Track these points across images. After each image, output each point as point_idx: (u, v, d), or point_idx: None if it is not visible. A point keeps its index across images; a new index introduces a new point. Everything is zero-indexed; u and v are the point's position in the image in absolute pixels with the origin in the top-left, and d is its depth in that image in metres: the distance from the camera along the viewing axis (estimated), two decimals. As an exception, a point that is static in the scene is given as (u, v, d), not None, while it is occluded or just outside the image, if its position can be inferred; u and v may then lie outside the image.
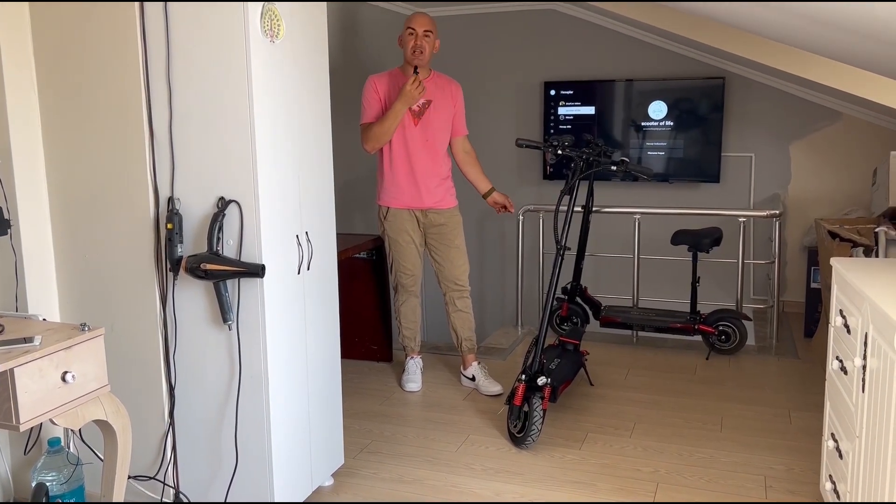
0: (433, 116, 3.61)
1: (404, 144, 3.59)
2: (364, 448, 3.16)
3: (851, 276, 2.17)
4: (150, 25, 2.29)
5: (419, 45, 3.49)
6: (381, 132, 3.52)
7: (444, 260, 3.74)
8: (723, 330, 4.25)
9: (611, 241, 5.17)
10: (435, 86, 3.62)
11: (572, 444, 3.17)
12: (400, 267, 3.73)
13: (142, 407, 2.48)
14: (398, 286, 3.79)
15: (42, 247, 2.50)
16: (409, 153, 3.60)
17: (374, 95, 3.57)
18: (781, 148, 5.28)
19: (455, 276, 3.75)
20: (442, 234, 3.71)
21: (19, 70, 2.38)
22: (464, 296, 3.80)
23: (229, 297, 2.34)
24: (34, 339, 1.95)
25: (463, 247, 3.77)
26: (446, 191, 3.71)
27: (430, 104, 3.60)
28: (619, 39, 5.41)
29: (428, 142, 3.61)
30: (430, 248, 3.76)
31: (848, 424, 2.17)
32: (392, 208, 3.67)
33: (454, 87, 3.70)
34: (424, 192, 3.63)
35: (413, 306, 3.82)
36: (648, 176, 3.52)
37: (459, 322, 3.82)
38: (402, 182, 3.62)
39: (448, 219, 3.71)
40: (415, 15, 3.56)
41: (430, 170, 3.63)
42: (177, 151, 2.34)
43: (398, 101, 3.43)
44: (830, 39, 2.67)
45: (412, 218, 3.68)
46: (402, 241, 3.69)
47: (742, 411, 3.48)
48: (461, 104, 3.73)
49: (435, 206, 3.67)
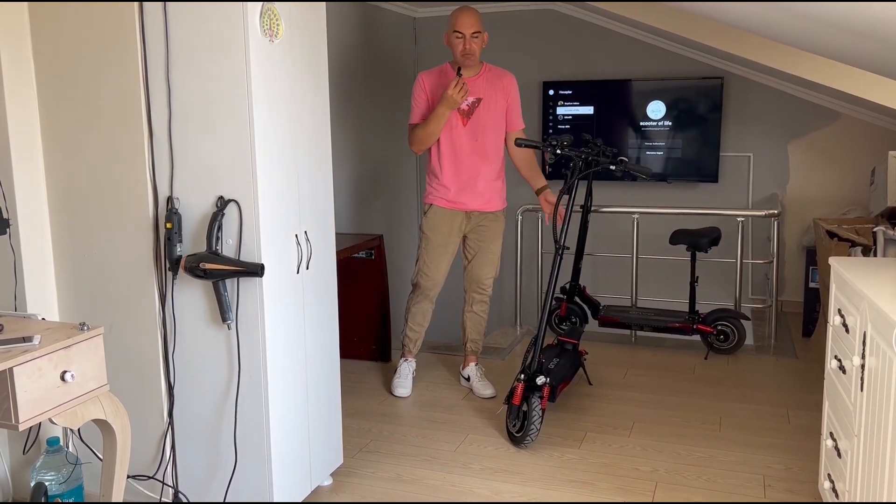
0: (483, 115, 3.50)
1: (451, 145, 3.49)
2: (363, 448, 3.16)
3: (850, 275, 2.17)
4: (150, 25, 2.29)
5: (469, 49, 3.39)
6: (425, 135, 3.43)
7: (475, 259, 3.66)
8: (721, 329, 4.25)
9: (609, 241, 5.17)
10: (486, 81, 3.50)
11: (571, 443, 3.17)
12: (424, 267, 3.62)
13: (141, 406, 2.48)
14: (416, 285, 3.69)
15: (41, 246, 2.50)
16: (457, 154, 3.50)
17: (421, 94, 3.49)
18: (780, 147, 5.29)
19: (480, 276, 3.67)
20: (481, 235, 3.62)
21: (18, 69, 2.38)
22: (483, 300, 3.74)
23: (228, 296, 2.34)
24: (33, 339, 1.95)
25: (498, 252, 3.67)
26: (495, 192, 3.60)
27: (481, 102, 3.48)
28: (618, 39, 5.41)
29: (477, 142, 3.50)
30: (466, 245, 3.67)
31: (846, 423, 2.17)
32: (435, 205, 3.57)
33: (507, 80, 3.56)
34: (470, 194, 3.54)
35: (425, 310, 3.72)
36: (647, 175, 3.53)
37: (472, 323, 3.77)
38: (448, 182, 3.52)
39: (492, 221, 3.62)
40: (460, 15, 3.40)
41: (479, 171, 3.52)
42: (176, 151, 2.34)
43: (441, 105, 3.33)
44: (828, 39, 2.67)
45: (455, 218, 3.57)
46: (436, 241, 3.58)
47: (741, 411, 3.48)
48: (515, 97, 3.59)
49: (481, 208, 3.58)
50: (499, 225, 3.66)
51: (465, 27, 3.38)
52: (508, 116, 3.58)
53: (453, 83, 3.29)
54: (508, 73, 3.60)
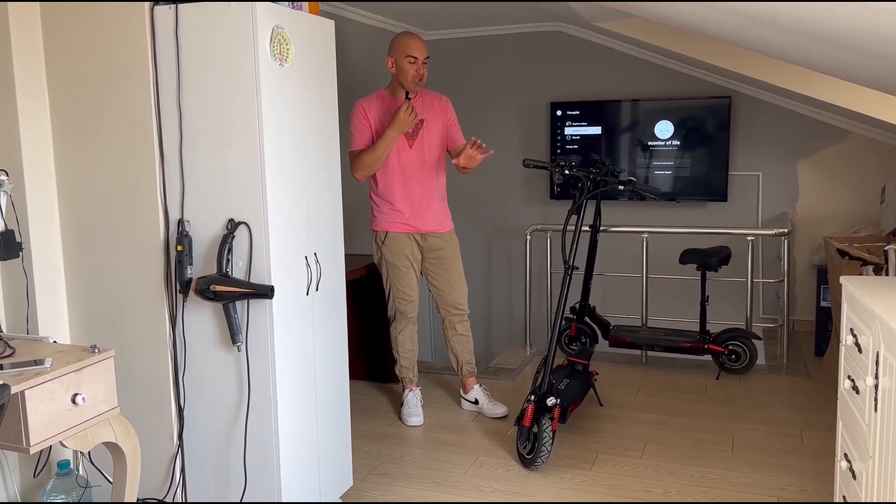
0: (427, 136, 3.53)
1: (400, 168, 3.50)
2: (373, 470, 3.15)
3: (862, 294, 2.16)
4: (161, 49, 2.32)
5: (421, 74, 3.42)
6: (373, 160, 3.41)
7: (443, 284, 3.65)
8: (733, 349, 4.23)
9: (619, 261, 5.16)
10: (423, 103, 3.53)
11: (582, 465, 3.15)
12: (399, 293, 3.61)
13: (151, 428, 2.48)
14: (396, 314, 3.64)
15: (53, 269, 2.51)
16: (406, 176, 3.51)
17: (363, 122, 3.47)
18: (789, 166, 5.28)
19: (455, 299, 3.66)
20: (441, 259, 3.62)
21: (32, 94, 2.41)
22: (464, 319, 3.72)
23: (238, 318, 2.35)
24: (45, 362, 1.95)
25: (461, 269, 3.68)
26: (444, 213, 3.64)
27: (423, 123, 3.52)
28: (625, 60, 5.44)
29: (425, 163, 3.53)
30: (428, 273, 3.66)
31: (861, 444, 2.15)
32: (391, 232, 3.56)
33: (443, 102, 3.61)
34: (424, 215, 3.55)
35: (411, 334, 3.70)
36: (655, 195, 3.53)
37: (460, 346, 3.74)
38: (400, 206, 3.53)
39: (447, 242, 3.63)
40: (412, 41, 3.42)
41: (429, 192, 3.55)
42: (187, 174, 2.36)
43: (391, 129, 3.33)
44: (835, 58, 2.68)
45: (411, 242, 3.58)
46: (402, 265, 3.57)
47: (753, 431, 3.45)
48: (453, 116, 3.62)
49: (434, 229, 3.59)
50: (454, 244, 3.67)
51: (419, 52, 3.40)
52: (450, 135, 3.61)
53: (404, 107, 3.29)
54: (442, 95, 3.65)
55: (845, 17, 1.90)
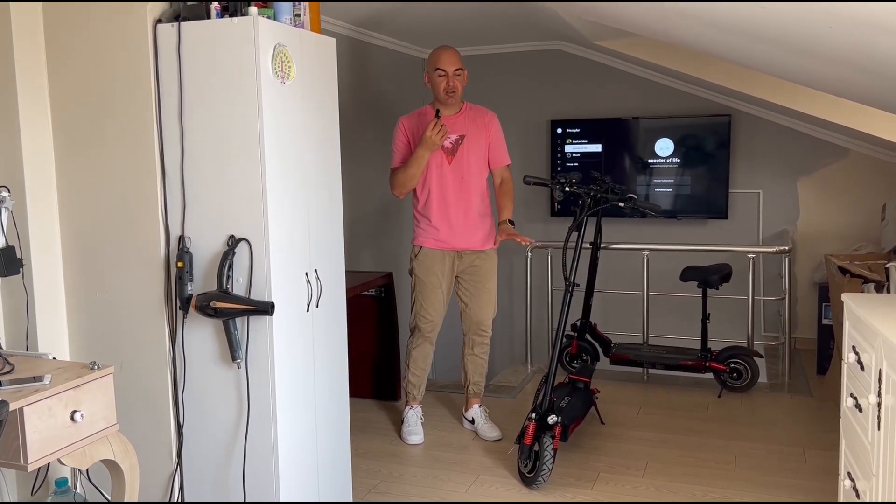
0: (467, 152, 3.48)
1: (439, 184, 3.46)
2: (372, 489, 3.12)
3: (863, 312, 2.15)
4: (164, 66, 2.33)
5: (452, 86, 3.39)
6: (406, 178, 3.40)
7: (472, 301, 3.60)
8: (734, 367, 4.21)
9: (620, 278, 5.15)
10: (467, 119, 3.50)
11: (584, 483, 3.12)
12: (421, 309, 3.56)
13: (150, 446, 2.46)
14: (415, 328, 3.62)
15: (53, 285, 2.51)
16: (444, 192, 3.47)
17: (402, 138, 3.48)
18: (789, 184, 5.29)
19: (480, 319, 3.61)
20: (475, 276, 3.57)
21: (35, 110, 2.42)
22: (484, 341, 3.67)
23: (238, 334, 2.34)
24: (44, 378, 1.95)
25: (494, 291, 3.62)
26: (485, 230, 3.55)
27: (464, 139, 3.47)
28: (625, 78, 5.47)
29: (463, 180, 3.47)
30: (460, 287, 3.61)
31: (864, 463, 2.13)
32: (425, 248, 3.53)
33: (489, 118, 3.55)
34: (460, 232, 3.49)
35: (426, 353, 3.66)
36: (656, 212, 3.53)
37: (473, 366, 3.70)
38: (437, 222, 3.49)
39: (484, 260, 3.56)
40: (441, 53, 3.40)
41: (467, 209, 3.49)
42: (188, 190, 2.37)
43: (420, 147, 3.31)
44: (835, 76, 2.69)
45: (444, 259, 3.52)
46: (430, 283, 3.52)
47: (756, 450, 3.43)
48: (498, 133, 3.56)
49: (471, 247, 3.53)
50: (492, 263, 3.61)
51: (447, 65, 3.38)
52: (492, 153, 3.56)
53: (431, 124, 3.26)
54: (489, 110, 3.60)
55: (845, 36, 1.91)
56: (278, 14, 2.37)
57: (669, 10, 2.37)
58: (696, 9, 2.23)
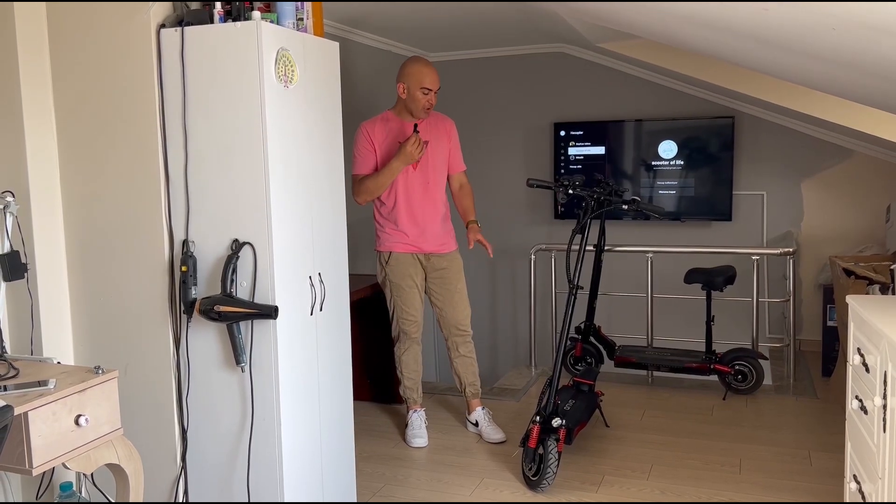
0: (431, 157, 3.54)
1: (405, 188, 3.51)
2: (377, 492, 3.12)
3: (868, 313, 2.15)
4: (167, 71, 2.34)
5: (432, 104, 3.45)
6: (375, 187, 3.44)
7: (445, 304, 3.64)
8: (739, 369, 4.20)
9: (624, 280, 5.15)
10: (429, 125, 3.54)
11: (588, 486, 3.12)
12: (403, 313, 3.60)
13: (154, 450, 2.47)
14: (400, 334, 3.65)
15: (57, 290, 2.52)
16: (410, 197, 3.52)
17: (366, 145, 3.48)
18: (793, 186, 5.28)
19: (458, 320, 3.65)
20: (444, 279, 3.62)
21: (39, 116, 2.43)
22: (467, 340, 3.70)
23: (242, 338, 2.35)
24: (48, 383, 1.95)
25: (464, 290, 3.67)
26: (448, 233, 3.64)
27: (427, 145, 3.51)
28: (628, 80, 5.46)
29: (428, 184, 3.54)
30: (431, 293, 3.66)
31: (870, 465, 2.12)
32: (395, 252, 3.57)
33: (448, 124, 3.63)
34: (428, 235, 3.55)
35: (415, 354, 3.68)
36: (660, 215, 3.52)
37: (463, 368, 3.72)
38: (404, 226, 3.53)
39: (450, 262, 3.63)
40: (427, 72, 3.41)
41: (432, 213, 3.55)
42: (192, 194, 2.37)
43: (396, 160, 3.35)
44: (838, 77, 2.69)
45: (415, 262, 3.59)
46: (406, 285, 3.57)
47: (761, 453, 3.42)
48: (456, 140, 3.65)
49: (437, 250, 3.60)
50: (458, 264, 3.67)
51: (433, 84, 3.43)
52: (452, 159, 3.65)
53: (412, 140, 3.30)
54: (447, 117, 3.67)
55: (847, 37, 1.91)
56: (281, 18, 2.37)
57: (667, 12, 2.36)
58: (696, 10, 2.23)
